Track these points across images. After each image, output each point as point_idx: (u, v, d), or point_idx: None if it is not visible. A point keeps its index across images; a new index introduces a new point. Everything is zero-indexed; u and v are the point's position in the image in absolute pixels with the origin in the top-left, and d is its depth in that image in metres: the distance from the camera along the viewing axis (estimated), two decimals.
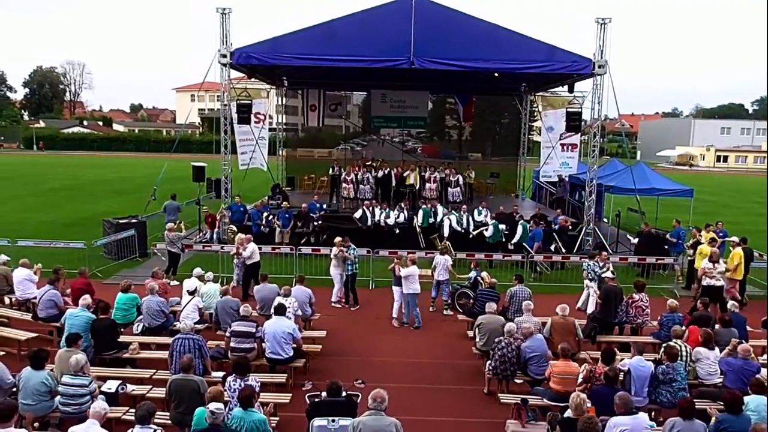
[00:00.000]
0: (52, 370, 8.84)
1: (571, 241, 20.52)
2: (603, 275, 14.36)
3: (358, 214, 20.61)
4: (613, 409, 7.57)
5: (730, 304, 12.36)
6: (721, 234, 18.38)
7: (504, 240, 19.65)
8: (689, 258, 17.70)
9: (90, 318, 10.62)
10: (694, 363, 9.94)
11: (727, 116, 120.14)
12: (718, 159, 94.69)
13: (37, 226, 24.53)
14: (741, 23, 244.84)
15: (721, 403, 8.16)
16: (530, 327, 10.48)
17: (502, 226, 19.74)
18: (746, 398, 7.95)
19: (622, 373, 9.10)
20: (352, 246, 15.43)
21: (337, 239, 15.62)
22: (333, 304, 15.11)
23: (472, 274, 14.44)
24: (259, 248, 17.94)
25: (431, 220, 20.47)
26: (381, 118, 29.78)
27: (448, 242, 18.94)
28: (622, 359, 9.60)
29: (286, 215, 20.59)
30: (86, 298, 11.06)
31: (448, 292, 15.00)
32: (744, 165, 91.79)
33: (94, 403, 7.42)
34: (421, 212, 20.65)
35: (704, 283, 14.98)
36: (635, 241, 20.00)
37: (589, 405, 7.76)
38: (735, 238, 17.44)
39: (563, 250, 19.28)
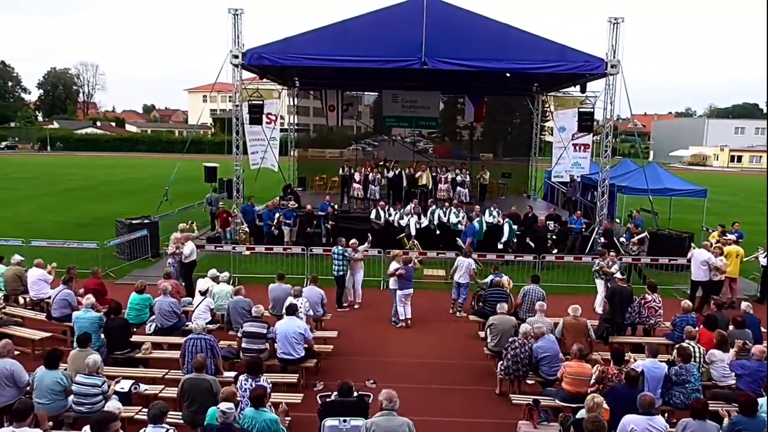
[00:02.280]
0: (65, 369, 8.92)
1: (584, 241, 20.46)
2: (614, 275, 14.29)
3: (372, 215, 20.61)
4: (630, 409, 7.54)
5: (744, 305, 12.22)
6: (736, 234, 18.24)
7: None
8: None
9: (95, 317, 10.71)
10: (707, 365, 9.87)
11: (741, 116, 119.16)
12: (732, 159, 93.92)
13: (51, 226, 24.75)
14: (755, 22, 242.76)
15: (735, 404, 8.10)
16: (542, 327, 10.45)
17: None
18: (760, 400, 7.88)
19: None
20: (338, 246, 15.42)
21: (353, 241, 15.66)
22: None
23: (490, 278, 14.31)
24: (271, 249, 18.12)
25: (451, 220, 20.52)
26: (392, 118, 29.72)
27: (415, 241, 19.01)
28: (635, 360, 9.55)
29: (293, 214, 20.67)
30: (89, 298, 11.16)
31: (466, 294, 14.91)
32: (758, 165, 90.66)
33: (108, 403, 7.48)
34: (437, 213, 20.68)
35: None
36: (602, 240, 19.87)
37: (605, 407, 7.71)
38: (732, 237, 17.37)
39: (556, 250, 19.19)
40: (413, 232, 19.85)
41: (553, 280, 17.42)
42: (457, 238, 19.11)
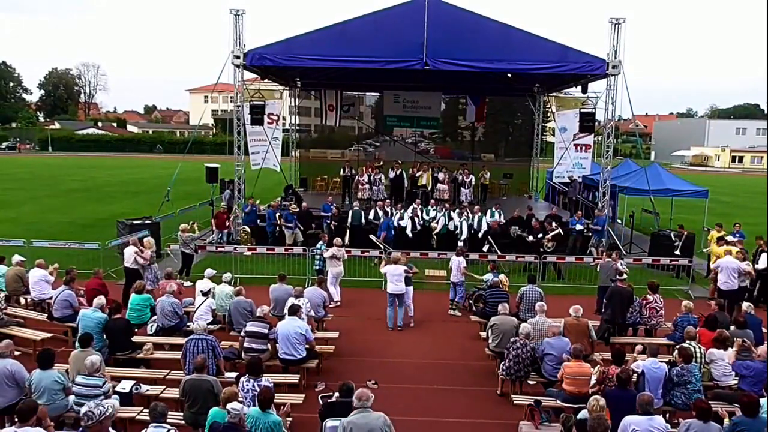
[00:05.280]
0: (66, 370, 8.91)
1: (585, 242, 20.43)
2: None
3: (371, 215, 20.53)
4: (624, 411, 7.53)
5: (746, 305, 12.21)
6: (738, 235, 18.19)
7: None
8: None
9: (102, 318, 10.70)
10: (708, 365, 9.86)
11: (742, 116, 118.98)
12: (734, 159, 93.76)
13: (54, 226, 24.77)
14: (757, 23, 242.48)
15: (737, 404, 8.08)
16: (559, 327, 10.43)
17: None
18: (762, 401, 7.87)
19: (635, 375, 9.06)
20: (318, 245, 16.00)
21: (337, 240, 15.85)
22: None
23: (488, 276, 14.30)
24: (272, 249, 18.11)
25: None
26: (394, 119, 29.70)
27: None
28: (636, 360, 9.55)
29: (293, 217, 20.64)
30: (101, 299, 11.13)
31: (462, 293, 14.97)
32: (760, 165, 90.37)
33: (106, 401, 7.41)
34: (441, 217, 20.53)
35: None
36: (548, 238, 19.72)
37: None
38: (729, 237, 17.28)
39: (498, 252, 18.19)
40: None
41: (554, 280, 17.42)
42: (371, 235, 19.00)
